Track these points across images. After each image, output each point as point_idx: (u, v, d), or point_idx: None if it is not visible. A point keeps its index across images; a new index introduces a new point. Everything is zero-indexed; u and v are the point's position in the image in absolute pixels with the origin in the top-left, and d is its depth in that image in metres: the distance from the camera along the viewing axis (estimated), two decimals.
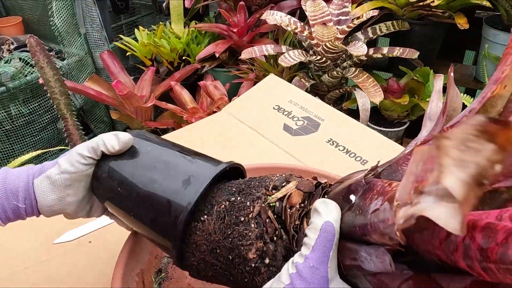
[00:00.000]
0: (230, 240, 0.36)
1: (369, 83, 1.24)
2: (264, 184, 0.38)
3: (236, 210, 0.37)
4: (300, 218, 0.34)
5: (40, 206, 0.38)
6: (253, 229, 0.35)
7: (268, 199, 0.36)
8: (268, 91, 0.93)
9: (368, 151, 0.75)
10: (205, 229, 0.38)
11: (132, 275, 0.48)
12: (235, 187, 0.40)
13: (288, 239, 0.35)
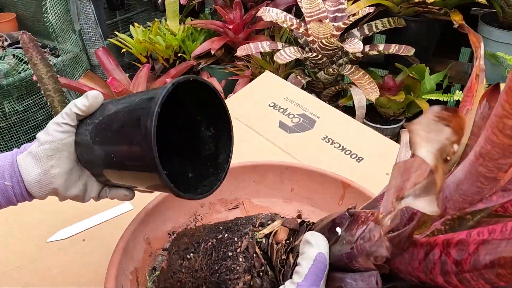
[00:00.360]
0: (218, 275, 0.37)
1: (365, 80, 1.24)
2: (251, 222, 0.40)
3: (224, 246, 0.39)
4: (286, 253, 0.36)
5: (27, 183, 0.38)
6: (241, 263, 0.37)
7: (256, 235, 0.39)
8: (264, 88, 0.93)
9: (364, 148, 0.75)
10: (191, 267, 0.39)
11: (126, 273, 0.48)
12: (222, 226, 0.42)
13: (274, 275, 0.37)
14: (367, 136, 0.78)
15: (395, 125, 1.47)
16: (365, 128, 0.80)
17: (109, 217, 0.60)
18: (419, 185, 0.19)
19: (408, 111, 1.47)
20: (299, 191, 0.63)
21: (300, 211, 0.62)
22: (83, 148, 0.39)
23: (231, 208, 0.63)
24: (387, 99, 1.35)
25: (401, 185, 0.21)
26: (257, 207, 0.63)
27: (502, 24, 1.33)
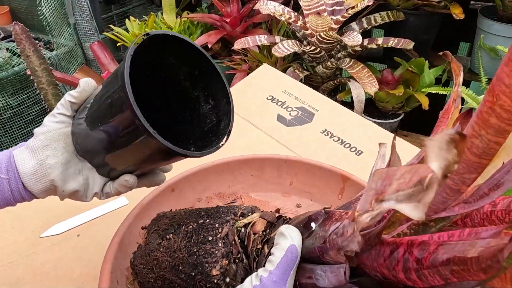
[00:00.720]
0: (195, 257, 0.38)
1: (364, 73, 1.23)
2: (233, 211, 0.42)
3: (204, 230, 0.40)
4: (262, 243, 0.38)
5: (23, 175, 0.36)
6: (220, 248, 0.38)
7: (236, 223, 0.40)
8: (262, 81, 0.92)
9: (363, 141, 0.74)
10: (170, 247, 0.40)
11: (121, 269, 0.47)
12: (203, 211, 0.43)
13: (248, 263, 0.39)
14: (366, 129, 0.77)
15: (394, 119, 1.46)
16: (365, 121, 0.79)
17: (104, 212, 0.59)
18: (403, 192, 0.21)
19: (407, 105, 1.46)
20: (298, 185, 0.62)
21: (299, 204, 0.61)
22: (81, 137, 0.38)
23: (229, 203, 0.61)
24: (385, 93, 1.34)
25: (381, 189, 0.23)
26: (255, 201, 0.62)
27: (501, 18, 1.32)
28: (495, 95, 0.20)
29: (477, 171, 0.23)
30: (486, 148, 0.21)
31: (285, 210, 0.60)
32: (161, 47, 0.38)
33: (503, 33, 1.26)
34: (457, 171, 0.23)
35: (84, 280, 0.49)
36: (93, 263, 0.51)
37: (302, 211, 0.60)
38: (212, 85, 0.41)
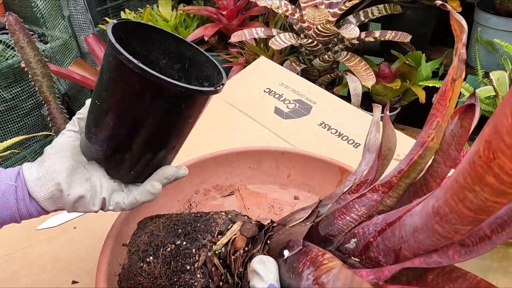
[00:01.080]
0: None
1: (361, 66, 1.22)
2: (210, 230, 0.39)
3: (182, 256, 0.38)
4: (244, 264, 0.35)
5: (28, 181, 0.35)
6: (198, 279, 0.36)
7: (213, 247, 0.37)
8: (259, 74, 0.91)
9: (361, 134, 0.74)
10: (151, 272, 0.38)
11: (118, 261, 0.47)
12: (181, 228, 0.40)
13: (233, 282, 0.36)
14: (364, 122, 0.77)
15: (391, 113, 1.46)
16: (362, 114, 0.79)
17: None
18: None
19: (404, 99, 1.46)
20: (296, 177, 0.62)
21: (297, 196, 0.60)
22: (86, 144, 0.38)
23: (226, 195, 0.61)
24: (383, 86, 1.34)
25: None
26: (253, 193, 0.62)
27: (498, 11, 1.32)
28: (492, 150, 0.16)
29: (473, 224, 0.19)
30: (483, 205, 0.17)
31: (283, 202, 0.60)
32: (147, 43, 0.40)
33: (500, 27, 1.26)
34: (448, 220, 0.20)
35: (81, 273, 0.48)
36: (90, 256, 0.50)
37: (300, 203, 0.60)
38: (202, 68, 0.42)
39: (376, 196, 0.30)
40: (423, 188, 0.29)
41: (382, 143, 0.33)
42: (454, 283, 0.24)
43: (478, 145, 0.17)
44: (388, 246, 0.26)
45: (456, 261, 0.22)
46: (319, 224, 0.33)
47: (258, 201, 0.60)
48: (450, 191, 0.19)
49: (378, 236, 0.27)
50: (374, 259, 0.28)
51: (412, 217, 0.24)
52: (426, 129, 0.28)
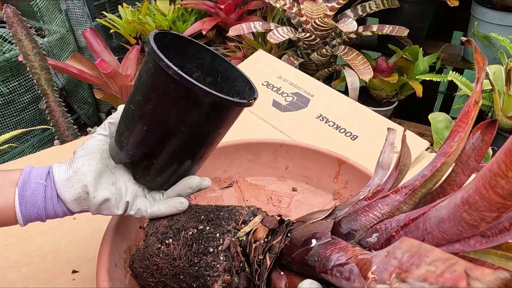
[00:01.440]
0: (197, 269, 0.37)
1: (359, 60, 1.23)
2: (234, 218, 0.40)
3: (205, 240, 0.38)
4: (263, 253, 0.37)
5: (57, 182, 0.35)
6: (221, 262, 0.37)
7: (238, 233, 0.39)
8: (257, 67, 0.91)
9: (358, 126, 0.74)
10: (170, 254, 0.39)
11: (119, 251, 0.47)
12: (203, 215, 0.41)
13: (250, 271, 0.38)
14: (361, 115, 0.77)
15: (388, 107, 1.47)
16: (360, 107, 0.79)
17: None
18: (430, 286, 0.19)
19: (401, 93, 1.47)
20: (294, 169, 0.62)
21: (295, 188, 0.61)
22: (116, 146, 0.39)
23: (225, 187, 0.62)
24: (380, 80, 1.34)
25: (407, 265, 0.21)
26: (251, 185, 0.62)
27: (495, 5, 1.32)
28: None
29: (500, 211, 0.21)
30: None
31: (281, 194, 0.60)
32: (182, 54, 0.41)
33: (496, 21, 1.27)
34: (477, 207, 0.21)
35: (82, 262, 0.49)
36: (90, 246, 0.51)
37: (298, 194, 0.60)
38: (234, 83, 0.42)
39: (399, 197, 0.32)
40: (440, 195, 0.32)
41: (399, 159, 0.36)
42: None
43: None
44: (412, 238, 0.28)
45: (477, 249, 0.24)
46: (341, 221, 0.35)
47: (257, 193, 0.61)
48: (482, 180, 0.21)
49: (401, 230, 0.29)
50: None
51: (437, 210, 0.26)
52: (448, 142, 0.30)
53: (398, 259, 0.21)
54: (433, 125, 1.03)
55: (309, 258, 0.32)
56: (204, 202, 0.59)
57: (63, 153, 0.67)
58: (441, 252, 0.19)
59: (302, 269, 0.34)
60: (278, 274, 0.35)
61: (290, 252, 0.35)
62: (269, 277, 0.36)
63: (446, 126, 1.04)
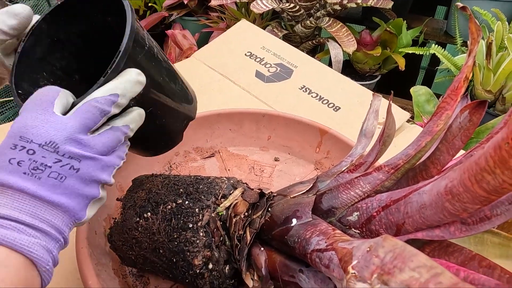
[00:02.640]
0: (176, 244, 0.37)
1: (343, 32, 1.22)
2: (214, 192, 0.39)
3: (184, 215, 0.38)
4: (243, 228, 0.36)
5: None
6: (201, 238, 0.36)
7: (217, 209, 0.38)
8: (240, 37, 0.89)
9: (341, 97, 0.74)
10: (149, 228, 0.38)
11: (99, 220, 0.47)
12: (182, 188, 0.40)
13: (230, 245, 0.37)
14: (344, 86, 0.77)
15: (371, 81, 1.47)
16: (343, 78, 0.79)
17: None
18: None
19: (384, 67, 1.47)
20: (276, 139, 0.62)
21: (277, 158, 0.61)
22: None
23: (207, 157, 0.61)
24: (363, 54, 1.34)
25: (389, 267, 0.20)
26: (234, 155, 0.62)
27: None
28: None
29: (483, 204, 0.21)
30: (499, 187, 0.19)
31: (263, 164, 0.60)
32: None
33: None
34: (460, 199, 0.21)
35: None
36: None
37: (280, 164, 0.60)
38: None
39: (381, 175, 0.32)
40: (423, 173, 0.32)
41: (384, 130, 0.35)
42: (450, 256, 0.26)
43: (507, 133, 0.18)
44: (391, 220, 0.28)
45: (457, 237, 0.24)
46: (323, 197, 0.34)
47: (239, 162, 0.60)
48: (468, 172, 0.21)
49: (382, 211, 0.29)
50: (374, 232, 0.29)
51: (420, 195, 0.26)
52: (435, 120, 0.29)
53: (381, 258, 0.21)
54: (414, 98, 1.04)
55: (289, 238, 0.32)
56: (186, 172, 0.58)
57: None
58: (425, 258, 0.19)
59: (281, 247, 0.34)
60: (258, 250, 0.35)
61: (270, 228, 0.35)
62: (249, 252, 0.36)
63: (427, 100, 1.05)
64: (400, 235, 0.27)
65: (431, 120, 0.30)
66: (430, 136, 0.30)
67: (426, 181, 0.27)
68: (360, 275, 0.21)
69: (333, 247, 0.27)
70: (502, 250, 0.27)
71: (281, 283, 0.33)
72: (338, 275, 0.24)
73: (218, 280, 0.38)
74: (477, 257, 0.25)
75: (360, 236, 0.31)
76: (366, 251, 0.22)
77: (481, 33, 0.29)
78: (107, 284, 0.39)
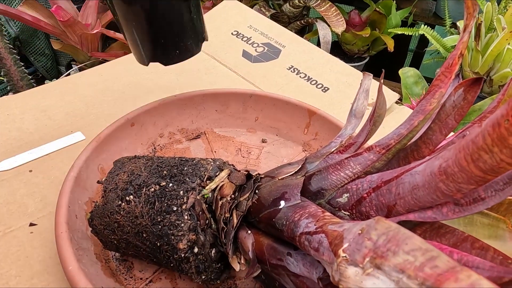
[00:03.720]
0: (160, 228, 0.35)
1: (332, 12, 1.19)
2: (199, 174, 0.37)
3: (168, 197, 0.36)
4: (230, 210, 0.35)
5: None
6: (186, 221, 0.35)
7: (203, 191, 0.36)
8: (226, 16, 0.87)
9: (330, 78, 0.73)
10: (131, 211, 0.37)
11: (79, 203, 0.45)
12: (166, 170, 0.38)
13: (216, 228, 0.36)
14: (333, 66, 0.76)
15: (360, 62, 1.46)
16: (332, 58, 0.78)
17: (58, 148, 0.55)
18: (407, 279, 0.17)
19: (373, 48, 1.46)
20: (264, 120, 0.61)
21: (265, 139, 0.60)
22: None
23: (192, 138, 0.60)
24: (352, 34, 1.32)
25: (383, 250, 0.19)
26: (220, 137, 0.60)
27: None
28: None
29: (478, 184, 0.20)
30: (496, 166, 0.18)
31: (251, 145, 0.59)
32: None
33: None
34: (455, 179, 0.21)
35: (40, 215, 0.46)
36: (48, 199, 0.48)
37: (268, 146, 0.59)
38: None
39: (372, 156, 0.31)
40: (414, 153, 0.31)
41: (375, 109, 0.34)
42: (442, 238, 0.25)
43: (507, 109, 0.17)
44: (382, 201, 0.27)
45: (450, 218, 0.23)
46: (312, 178, 0.33)
47: (225, 144, 0.59)
48: (464, 151, 0.20)
49: (373, 192, 0.28)
50: (365, 213, 0.28)
51: (412, 176, 0.25)
52: (428, 98, 0.29)
53: (373, 241, 0.20)
54: (403, 80, 1.03)
55: (277, 221, 0.31)
56: (171, 154, 0.57)
57: (15, 103, 0.62)
58: (421, 240, 0.18)
59: (269, 230, 0.33)
60: (245, 233, 0.34)
61: (257, 211, 0.34)
62: (236, 235, 0.35)
63: (415, 82, 1.04)
64: (391, 216, 0.26)
65: (424, 99, 0.30)
66: (422, 115, 0.29)
67: (418, 162, 0.26)
68: (352, 259, 0.21)
69: (322, 229, 0.26)
70: (491, 230, 0.27)
71: (268, 267, 0.32)
72: (328, 258, 0.23)
73: (204, 264, 0.37)
74: (470, 238, 0.24)
75: (350, 218, 0.30)
76: (358, 233, 0.21)
77: (478, 7, 0.27)
78: (89, 269, 0.38)
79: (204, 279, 0.38)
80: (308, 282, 0.29)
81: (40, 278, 0.41)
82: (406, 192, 0.25)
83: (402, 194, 0.25)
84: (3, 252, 0.42)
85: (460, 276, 0.16)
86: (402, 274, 0.18)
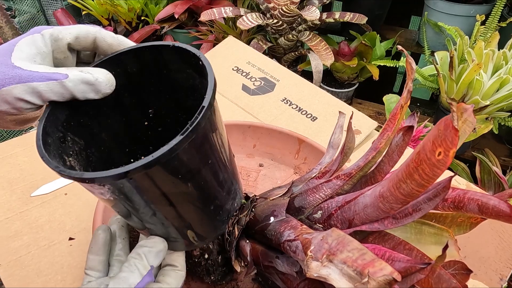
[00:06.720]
0: None
1: (321, 46, 1.31)
2: None
3: None
4: (232, 225, 0.42)
5: None
6: None
7: None
8: (228, 53, 0.98)
9: (318, 108, 0.83)
10: None
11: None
12: None
13: (222, 239, 0.45)
14: (321, 98, 0.86)
15: (349, 88, 1.57)
16: (320, 91, 0.89)
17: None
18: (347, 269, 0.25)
19: (361, 75, 1.57)
20: (261, 147, 0.71)
21: (262, 164, 0.70)
22: None
23: None
24: (342, 64, 1.44)
25: (334, 249, 0.27)
26: None
27: None
28: (420, 159, 0.25)
29: (403, 204, 0.28)
30: (410, 192, 0.26)
31: (249, 169, 0.69)
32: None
33: (446, 10, 1.37)
34: (388, 201, 0.29)
35: (76, 231, 0.56)
36: (82, 217, 0.58)
37: (264, 169, 0.69)
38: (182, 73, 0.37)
39: (339, 182, 0.39)
40: (372, 179, 0.39)
41: (345, 143, 0.42)
42: (385, 243, 0.34)
43: (413, 155, 0.25)
44: (345, 217, 0.34)
45: (389, 228, 0.31)
46: (295, 199, 0.41)
47: None
48: (392, 182, 0.28)
49: (338, 210, 0.35)
50: (333, 226, 0.37)
51: (364, 197, 0.33)
52: (379, 138, 0.37)
53: (329, 244, 0.28)
54: (387, 105, 1.14)
55: (268, 232, 0.38)
56: None
57: None
58: (358, 243, 0.26)
59: (262, 239, 0.40)
60: (244, 242, 0.42)
61: (253, 225, 0.41)
62: (238, 244, 0.42)
63: None
64: (351, 227, 0.35)
65: (377, 139, 0.38)
66: (375, 151, 0.37)
67: (370, 187, 0.35)
68: (315, 256, 0.29)
69: (298, 238, 0.33)
70: (437, 238, 0.34)
71: (262, 268, 0.40)
72: (301, 257, 0.32)
73: (213, 267, 0.46)
74: (403, 242, 0.33)
75: (323, 229, 0.38)
76: (320, 239, 0.30)
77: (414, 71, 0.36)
78: None
79: (213, 279, 0.47)
80: (291, 277, 0.36)
81: (80, 282, 0.50)
82: (360, 210, 0.33)
83: (357, 211, 0.34)
84: (49, 261, 0.52)
85: (375, 264, 0.25)
86: (344, 265, 0.26)
